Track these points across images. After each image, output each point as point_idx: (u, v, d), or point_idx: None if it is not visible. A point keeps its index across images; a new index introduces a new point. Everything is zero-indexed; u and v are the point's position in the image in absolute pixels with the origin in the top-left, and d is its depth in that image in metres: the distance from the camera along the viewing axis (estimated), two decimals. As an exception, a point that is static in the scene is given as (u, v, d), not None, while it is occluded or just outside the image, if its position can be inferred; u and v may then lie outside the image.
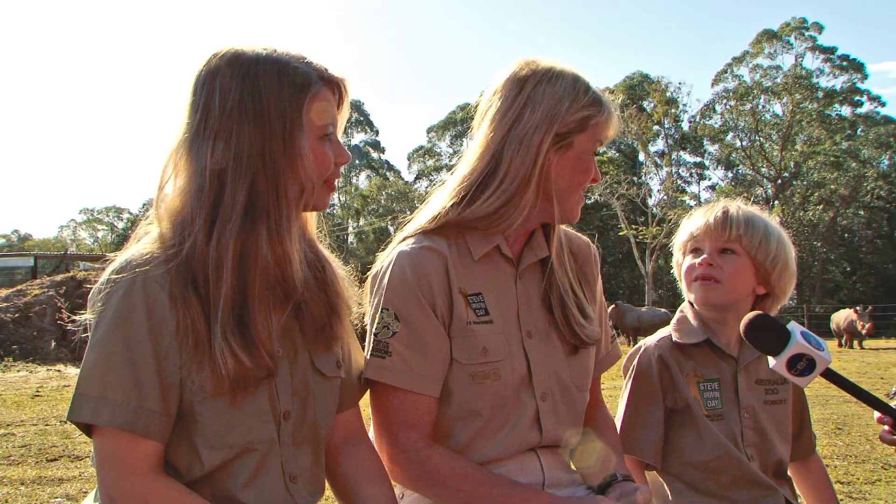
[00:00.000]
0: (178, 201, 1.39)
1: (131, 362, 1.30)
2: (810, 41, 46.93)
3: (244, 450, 1.39)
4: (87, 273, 16.57)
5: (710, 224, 2.01)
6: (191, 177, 1.37)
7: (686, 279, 2.05)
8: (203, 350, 1.32)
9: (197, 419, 1.35)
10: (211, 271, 1.34)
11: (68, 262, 25.50)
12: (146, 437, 1.31)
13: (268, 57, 1.40)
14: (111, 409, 1.29)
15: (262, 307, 1.39)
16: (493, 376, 1.66)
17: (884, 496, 4.24)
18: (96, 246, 69.40)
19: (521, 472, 1.68)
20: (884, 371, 12.38)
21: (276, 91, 1.38)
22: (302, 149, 1.40)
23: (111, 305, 1.32)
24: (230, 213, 1.35)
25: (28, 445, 5.72)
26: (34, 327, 14.21)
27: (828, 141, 45.21)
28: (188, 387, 1.34)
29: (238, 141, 1.36)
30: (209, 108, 1.37)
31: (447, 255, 1.68)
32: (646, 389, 2.01)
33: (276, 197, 1.38)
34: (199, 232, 1.35)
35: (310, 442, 1.50)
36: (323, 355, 1.53)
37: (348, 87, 1.50)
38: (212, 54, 1.42)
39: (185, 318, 1.32)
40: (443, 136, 59.55)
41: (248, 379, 1.35)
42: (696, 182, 51.82)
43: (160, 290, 1.32)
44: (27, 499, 4.27)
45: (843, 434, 6.14)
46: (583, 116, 1.68)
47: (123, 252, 1.40)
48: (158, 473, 1.33)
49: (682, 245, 2.09)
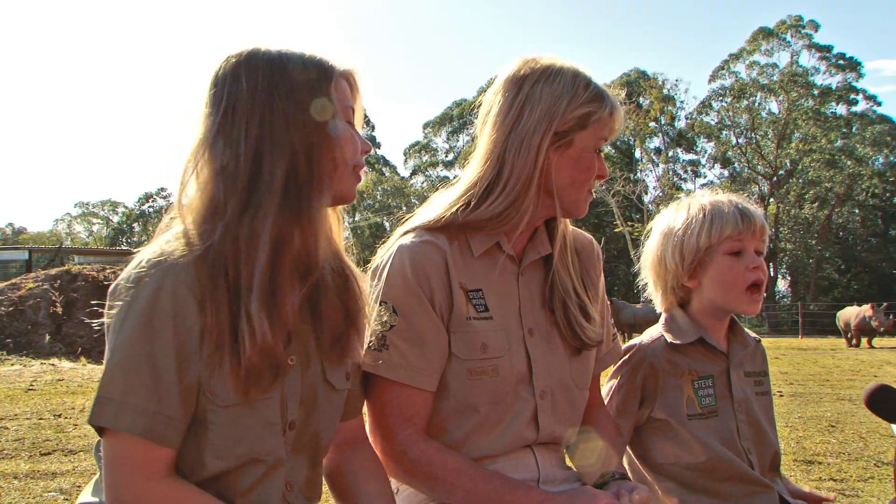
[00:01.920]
0: (204, 194, 1.37)
1: (154, 366, 1.28)
2: (806, 39, 47.01)
3: (251, 461, 1.37)
4: (81, 267, 16.49)
5: (757, 226, 1.94)
6: (218, 167, 1.36)
7: (734, 286, 1.94)
8: (224, 341, 1.30)
9: (208, 427, 1.33)
10: (246, 248, 1.32)
11: (63, 256, 25.41)
12: (162, 444, 1.29)
13: (286, 51, 1.42)
14: (132, 415, 1.27)
15: (291, 284, 1.39)
16: (491, 372, 1.65)
17: (876, 493, 4.25)
18: (91, 240, 69.26)
19: (516, 469, 1.68)
20: (877, 369, 12.42)
21: (303, 74, 1.39)
22: (336, 125, 1.41)
23: (137, 307, 1.29)
24: (268, 191, 1.34)
25: (21, 439, 5.70)
26: (28, 321, 14.16)
27: (823, 139, 45.31)
28: (204, 391, 1.32)
29: (273, 119, 1.36)
30: (236, 97, 1.37)
31: (447, 250, 1.68)
32: (627, 388, 2.01)
33: (310, 171, 1.38)
34: (231, 214, 1.34)
35: (308, 451, 1.48)
36: (335, 367, 1.51)
37: (359, 78, 1.51)
38: (227, 55, 1.41)
39: (211, 316, 1.30)
40: (439, 132, 59.51)
41: (262, 371, 1.33)
42: (691, 179, 51.91)
43: (187, 291, 1.30)
44: (20, 493, 4.26)
45: (837, 432, 6.15)
46: (583, 113, 1.66)
47: (147, 247, 1.38)
48: (171, 477, 1.32)
49: (714, 243, 1.94)
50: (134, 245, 61.62)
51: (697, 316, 2.03)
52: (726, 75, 48.50)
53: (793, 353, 16.60)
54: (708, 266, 1.97)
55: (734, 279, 1.94)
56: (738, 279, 1.94)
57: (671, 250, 2.00)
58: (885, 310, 18.94)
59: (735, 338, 2.07)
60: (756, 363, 2.10)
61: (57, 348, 13.67)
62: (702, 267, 1.97)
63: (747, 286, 1.94)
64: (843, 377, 10.92)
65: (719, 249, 1.95)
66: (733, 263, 1.94)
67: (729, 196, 2.01)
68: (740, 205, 1.98)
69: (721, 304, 1.98)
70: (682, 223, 1.99)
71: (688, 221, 1.98)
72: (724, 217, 1.94)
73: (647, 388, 1.99)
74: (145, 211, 70.32)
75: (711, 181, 50.84)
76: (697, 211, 1.98)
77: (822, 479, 4.55)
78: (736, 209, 1.95)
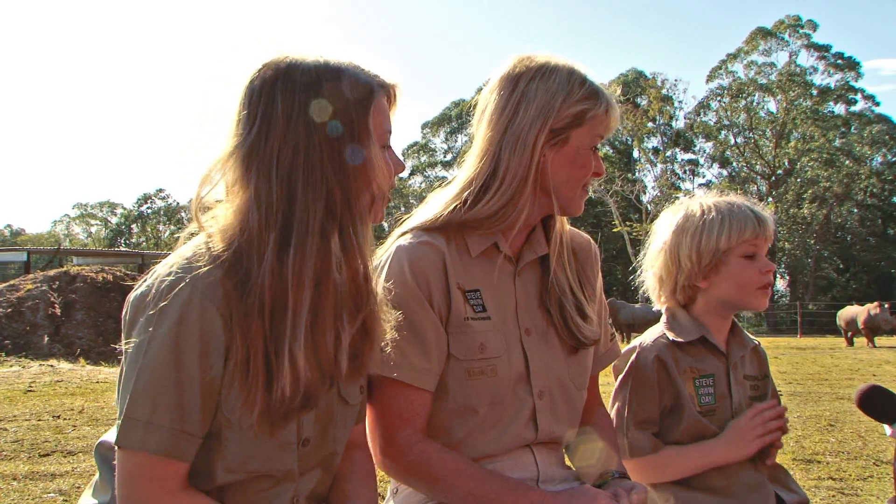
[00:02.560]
0: (237, 218, 1.32)
1: (180, 386, 1.26)
2: (805, 38, 47.07)
3: (261, 476, 1.37)
4: (80, 268, 16.48)
5: (770, 230, 1.98)
6: (253, 193, 1.30)
7: (748, 287, 1.97)
8: (257, 379, 1.28)
9: (223, 443, 1.32)
10: (291, 288, 1.28)
11: (62, 257, 25.40)
12: (180, 459, 1.28)
13: (326, 65, 1.35)
14: (159, 436, 1.25)
15: (332, 323, 1.36)
16: (489, 373, 1.65)
17: (875, 492, 4.26)
18: (90, 241, 69.17)
19: (515, 468, 1.68)
20: (876, 368, 12.43)
21: (342, 99, 1.34)
22: (371, 156, 1.36)
23: (164, 324, 1.26)
24: (308, 227, 1.30)
25: (20, 441, 5.69)
26: (27, 322, 14.15)
27: (821, 139, 45.36)
28: (223, 411, 1.30)
29: (308, 150, 1.30)
30: (270, 119, 1.31)
31: (444, 250, 1.68)
32: (644, 390, 1.98)
33: (349, 207, 1.34)
34: (271, 250, 1.28)
35: (321, 465, 1.47)
36: (350, 384, 1.50)
37: (399, 93, 1.47)
38: (263, 64, 1.36)
39: (240, 341, 1.28)
40: (437, 133, 59.48)
41: (293, 411, 1.31)
42: (689, 179, 51.94)
43: (213, 308, 1.27)
44: (19, 494, 4.26)
45: (836, 431, 6.16)
46: (578, 111, 1.66)
47: (169, 259, 1.34)
48: (186, 489, 1.31)
49: (733, 246, 1.95)
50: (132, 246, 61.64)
51: (700, 315, 2.04)
52: (724, 75, 48.58)
53: (791, 352, 16.61)
54: (722, 267, 1.98)
55: (748, 281, 1.98)
56: (752, 281, 1.98)
57: (686, 250, 1.99)
58: (889, 308, 18.79)
59: (734, 339, 2.08)
60: (755, 367, 2.11)
61: (56, 349, 13.65)
62: (716, 268, 1.99)
63: (759, 286, 1.98)
64: (842, 376, 10.93)
65: (736, 252, 1.97)
66: (748, 266, 1.97)
67: (740, 198, 2.02)
68: (754, 208, 2.00)
69: (734, 301, 2.01)
70: (697, 223, 1.99)
71: (704, 222, 1.98)
72: (742, 220, 1.96)
73: (660, 380, 1.98)
74: (144, 212, 70.36)
75: (710, 181, 50.92)
76: (713, 212, 1.98)
77: (822, 478, 4.55)
78: (752, 213, 1.98)
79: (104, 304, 14.95)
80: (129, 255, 31.71)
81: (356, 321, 1.43)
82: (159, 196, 70.33)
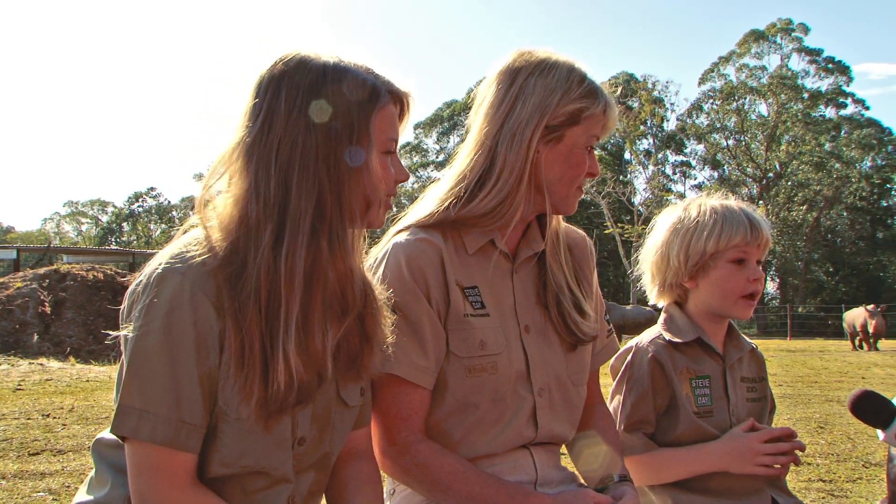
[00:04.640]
0: (236, 208, 1.33)
1: (173, 374, 1.26)
2: (796, 42, 47.29)
3: (255, 472, 1.36)
4: (70, 266, 16.38)
5: (763, 238, 1.96)
6: (253, 184, 1.31)
7: (731, 293, 1.96)
8: (254, 371, 1.28)
9: (218, 436, 1.32)
10: (283, 286, 1.29)
11: (52, 255, 25.27)
12: (184, 451, 1.28)
13: (336, 65, 1.36)
14: (153, 424, 1.26)
15: (320, 323, 1.36)
16: (490, 369, 1.65)
17: (864, 494, 4.28)
18: (80, 239, 68.84)
19: (514, 470, 1.68)
20: (865, 370, 12.49)
21: (344, 101, 1.34)
22: (369, 161, 1.36)
23: (156, 315, 1.26)
24: (299, 225, 1.30)
25: (9, 439, 5.66)
26: (16, 320, 14.06)
27: (812, 142, 45.58)
28: (220, 400, 1.31)
29: (304, 148, 1.31)
30: (273, 113, 1.32)
31: (442, 247, 1.67)
32: (640, 390, 1.98)
33: (339, 209, 1.34)
34: (266, 243, 1.29)
35: (317, 467, 1.47)
36: (350, 385, 1.49)
37: (412, 102, 1.47)
38: (276, 59, 1.36)
39: (234, 332, 1.28)
40: (430, 133, 59.41)
41: (287, 406, 1.32)
42: (681, 181, 52.09)
43: (206, 301, 1.28)
44: (9, 493, 4.23)
45: (825, 433, 6.18)
46: (575, 109, 1.66)
47: (166, 249, 1.35)
48: (195, 485, 1.31)
49: (721, 250, 1.95)
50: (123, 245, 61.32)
51: (695, 316, 2.04)
52: (716, 77, 48.75)
53: (781, 354, 16.66)
54: (710, 270, 1.98)
55: (733, 287, 1.96)
56: (737, 287, 1.96)
57: (676, 249, 2.00)
58: (882, 312, 18.74)
59: (731, 341, 2.08)
60: (752, 369, 2.11)
61: (45, 348, 13.58)
62: (703, 270, 1.99)
63: (743, 295, 1.96)
64: (832, 379, 10.97)
65: (724, 256, 1.96)
66: (735, 272, 1.96)
67: (739, 203, 2.02)
68: (750, 214, 1.99)
69: (715, 308, 2.00)
70: (690, 224, 1.99)
71: (697, 223, 1.98)
72: (733, 226, 1.95)
73: (655, 381, 1.97)
74: (134, 210, 70.08)
75: (701, 183, 51.08)
76: (708, 214, 1.98)
77: (812, 480, 4.58)
78: (746, 219, 1.96)
79: (94, 302, 14.87)
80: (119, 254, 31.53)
81: (342, 324, 1.43)
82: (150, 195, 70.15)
